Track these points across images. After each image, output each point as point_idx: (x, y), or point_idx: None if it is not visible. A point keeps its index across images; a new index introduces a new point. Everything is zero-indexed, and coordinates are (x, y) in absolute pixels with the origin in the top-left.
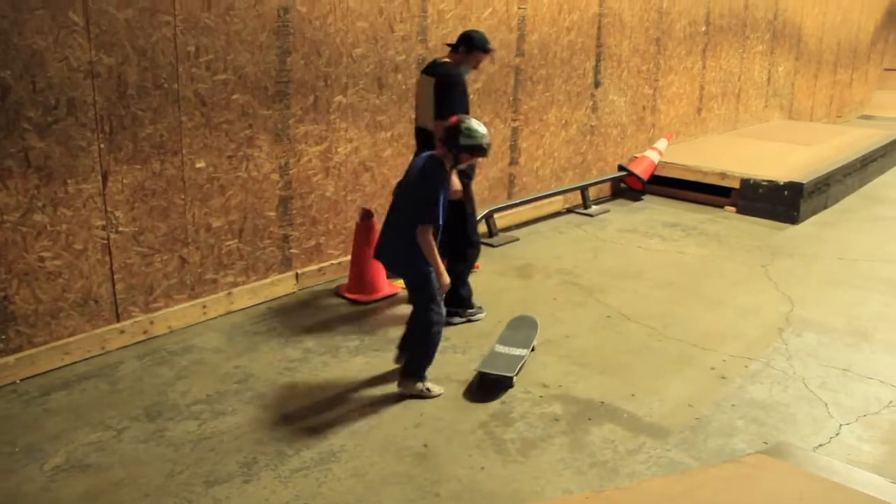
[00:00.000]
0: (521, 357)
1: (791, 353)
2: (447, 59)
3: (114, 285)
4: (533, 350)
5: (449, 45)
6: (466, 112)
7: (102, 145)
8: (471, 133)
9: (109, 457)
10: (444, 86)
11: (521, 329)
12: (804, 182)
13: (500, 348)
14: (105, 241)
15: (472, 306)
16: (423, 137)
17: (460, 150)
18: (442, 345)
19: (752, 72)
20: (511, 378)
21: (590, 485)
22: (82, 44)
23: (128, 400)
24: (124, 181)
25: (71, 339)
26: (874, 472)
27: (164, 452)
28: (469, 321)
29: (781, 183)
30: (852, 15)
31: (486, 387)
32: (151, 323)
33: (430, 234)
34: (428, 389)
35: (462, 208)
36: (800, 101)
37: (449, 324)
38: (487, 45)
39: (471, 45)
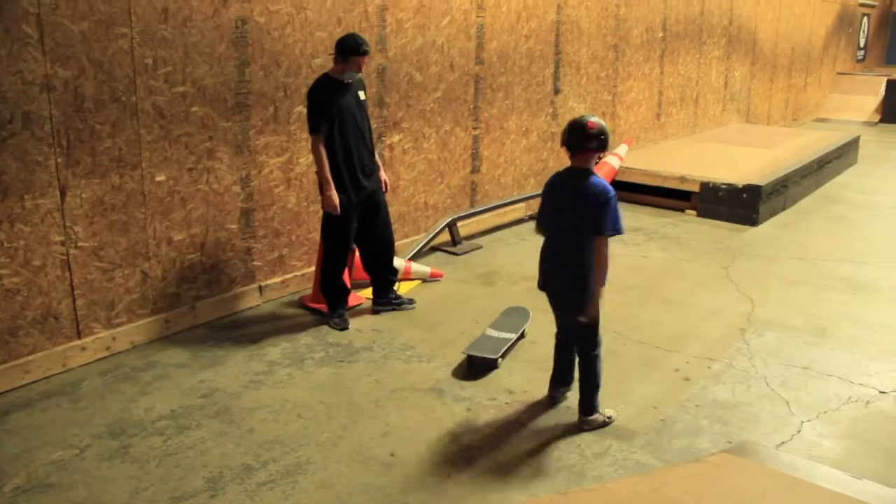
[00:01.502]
0: (508, 340)
1: (753, 353)
2: (327, 72)
3: (74, 301)
4: (523, 335)
5: (332, 53)
6: (328, 120)
7: (60, 159)
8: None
9: (72, 476)
10: (307, 101)
11: (514, 316)
12: (762, 184)
13: (491, 332)
14: (64, 257)
15: (335, 312)
16: None
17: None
18: (406, 353)
19: (709, 77)
20: (495, 360)
21: (557, 488)
22: (37, 57)
23: (90, 417)
24: (83, 195)
25: (31, 357)
26: (835, 467)
27: (129, 469)
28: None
29: (740, 186)
30: (805, 20)
31: (473, 368)
32: (114, 339)
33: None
34: (609, 418)
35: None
36: (756, 105)
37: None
38: (362, 47)
39: (346, 52)
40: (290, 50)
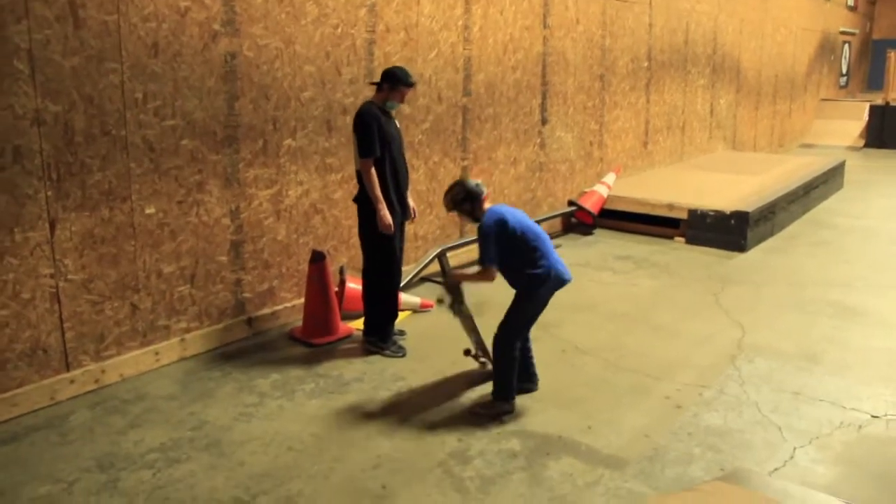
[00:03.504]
0: None
1: (744, 379)
2: (371, 100)
3: (63, 334)
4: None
5: (374, 83)
6: (381, 144)
7: (50, 193)
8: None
9: None
10: (356, 126)
11: None
12: (750, 210)
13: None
14: (54, 290)
15: (388, 340)
16: (358, 178)
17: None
18: (397, 384)
19: (695, 105)
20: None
21: None
22: (28, 91)
23: (79, 451)
24: (73, 228)
25: (19, 390)
26: (828, 493)
27: (117, 503)
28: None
29: (728, 212)
30: (787, 48)
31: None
32: (103, 371)
33: None
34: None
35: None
36: (742, 132)
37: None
38: (410, 78)
39: (395, 81)
40: (279, 83)
